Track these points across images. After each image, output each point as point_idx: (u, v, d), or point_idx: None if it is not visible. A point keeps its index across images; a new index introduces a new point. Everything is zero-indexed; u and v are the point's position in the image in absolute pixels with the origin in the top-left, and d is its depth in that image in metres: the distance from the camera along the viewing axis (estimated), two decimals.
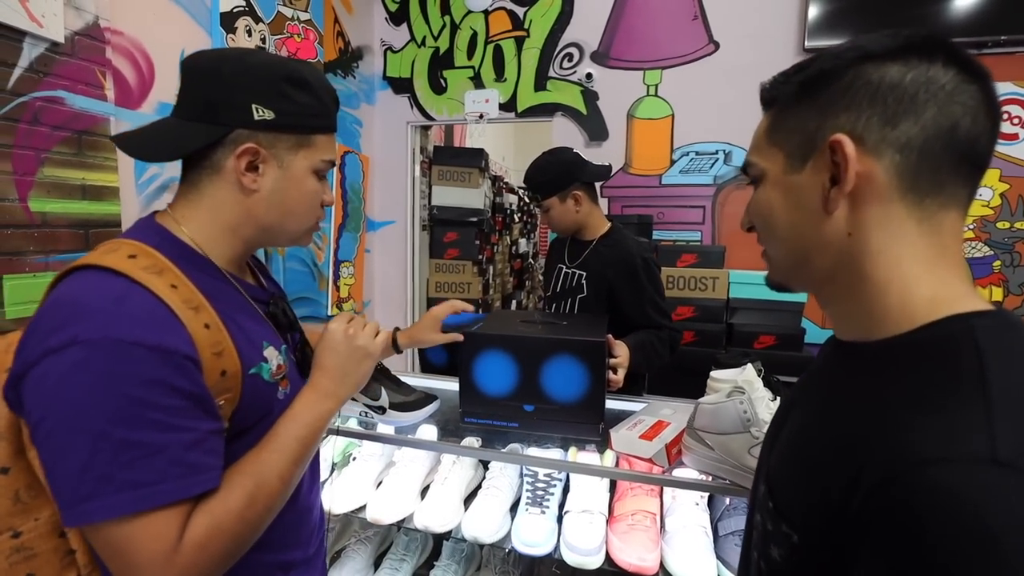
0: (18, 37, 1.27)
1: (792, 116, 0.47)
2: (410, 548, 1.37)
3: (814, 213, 0.46)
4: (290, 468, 0.59)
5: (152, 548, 0.49)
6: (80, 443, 0.47)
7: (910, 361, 0.41)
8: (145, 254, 0.55)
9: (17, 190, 1.29)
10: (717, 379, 1.04)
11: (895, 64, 0.42)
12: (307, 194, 0.66)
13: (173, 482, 0.50)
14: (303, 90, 0.62)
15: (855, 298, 0.46)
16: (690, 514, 1.11)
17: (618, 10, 2.38)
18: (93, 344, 0.48)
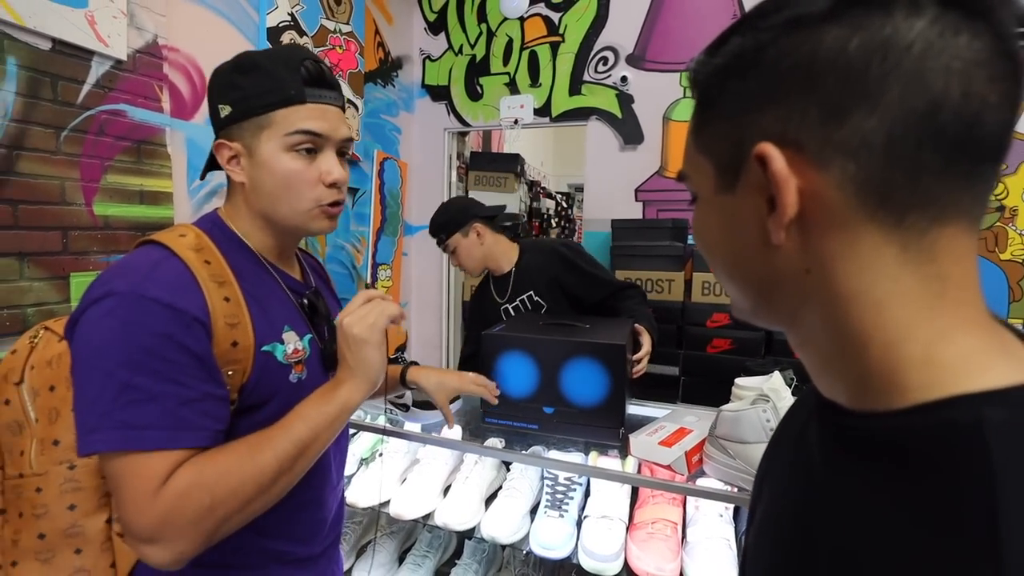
0: (87, 56, 1.39)
1: (716, 115, 0.34)
2: (433, 545, 1.39)
3: (757, 246, 0.33)
4: (291, 448, 0.59)
5: (135, 487, 0.53)
6: (93, 379, 0.54)
7: (898, 465, 0.29)
8: (194, 235, 0.64)
9: (84, 195, 1.41)
10: (742, 386, 1.01)
11: (833, 27, 0.29)
12: (282, 174, 0.65)
13: (160, 431, 0.54)
14: (251, 73, 0.64)
15: (829, 350, 0.33)
16: (713, 526, 1.08)
17: (654, 12, 2.35)
18: (121, 296, 0.55)
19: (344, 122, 0.69)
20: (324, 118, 0.66)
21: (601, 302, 1.55)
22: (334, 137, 0.67)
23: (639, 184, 2.45)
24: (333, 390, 0.64)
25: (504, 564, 1.36)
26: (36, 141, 1.30)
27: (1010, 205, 1.93)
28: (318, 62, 0.66)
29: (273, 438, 0.59)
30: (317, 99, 0.65)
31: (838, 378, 0.34)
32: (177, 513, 0.53)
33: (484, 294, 1.70)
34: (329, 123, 0.66)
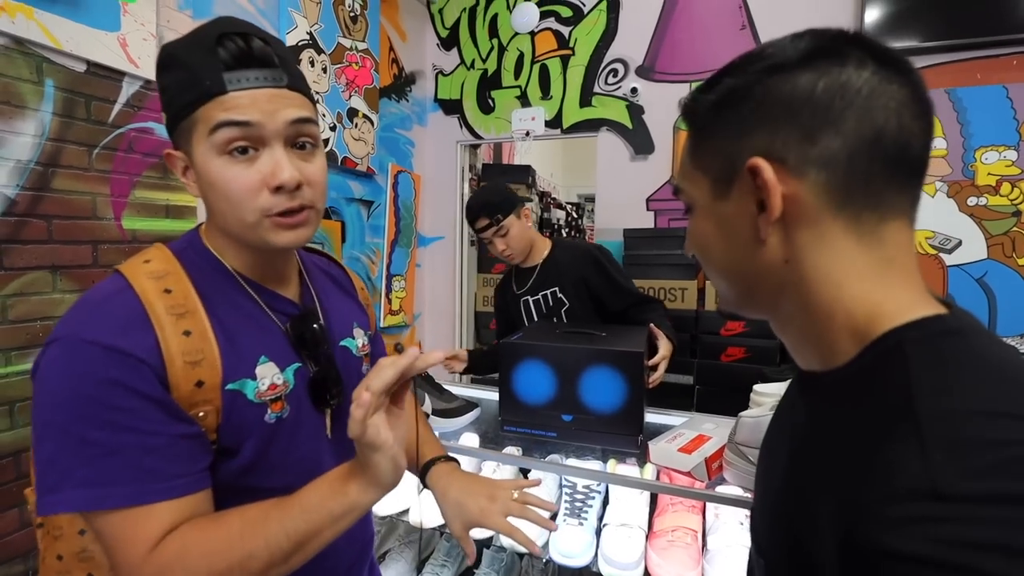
0: (119, 77, 1.45)
1: (711, 138, 0.44)
2: (451, 554, 1.40)
3: (747, 242, 0.42)
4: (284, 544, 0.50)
5: (126, 547, 0.49)
6: (48, 435, 0.49)
7: (851, 394, 0.38)
8: (159, 259, 0.57)
9: (113, 210, 1.46)
10: (761, 393, 1.02)
11: (805, 73, 0.39)
12: (217, 183, 0.54)
13: (126, 486, 0.48)
14: (170, 70, 0.54)
15: (804, 326, 0.42)
16: (734, 533, 1.08)
17: (663, 24, 2.39)
18: (62, 342, 0.50)
19: (288, 101, 0.55)
20: (253, 104, 0.52)
21: (623, 311, 1.56)
22: (272, 124, 0.53)
23: (650, 194, 2.47)
24: (344, 484, 0.51)
25: (522, 573, 1.37)
26: (70, 158, 1.36)
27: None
28: (245, 35, 0.53)
29: (268, 522, 0.50)
30: (240, 84, 0.52)
31: (812, 350, 0.43)
32: None
33: (506, 286, 1.70)
34: (260, 109, 0.53)
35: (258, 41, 0.54)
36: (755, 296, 0.45)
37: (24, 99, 1.26)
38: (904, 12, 1.99)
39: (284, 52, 0.57)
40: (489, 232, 1.51)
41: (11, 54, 1.23)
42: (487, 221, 1.49)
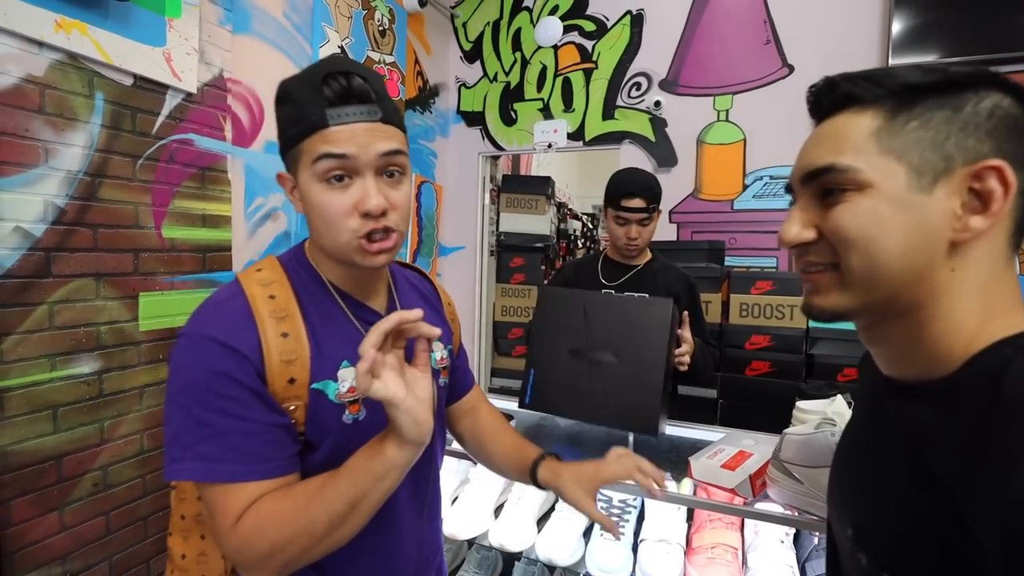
0: (163, 90, 1.48)
1: (917, 125, 0.41)
2: (482, 566, 1.40)
3: (936, 242, 0.41)
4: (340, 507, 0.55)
5: (219, 519, 0.57)
6: (175, 414, 0.57)
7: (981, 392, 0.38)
8: (269, 269, 0.65)
9: (154, 219, 1.49)
10: (804, 410, 1.01)
11: (1012, 100, 0.41)
12: (317, 207, 0.60)
13: (229, 464, 0.56)
14: (285, 104, 0.61)
15: (923, 336, 0.42)
16: (775, 552, 1.07)
17: (687, 39, 2.41)
18: (188, 336, 0.59)
19: (382, 135, 0.60)
20: (351, 139, 0.58)
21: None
22: (365, 156, 0.59)
23: (673, 206, 2.48)
24: (380, 444, 0.56)
25: None
26: (116, 169, 1.39)
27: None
28: (347, 74, 0.58)
29: (326, 490, 0.56)
30: (340, 119, 0.58)
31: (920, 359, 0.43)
32: (245, 552, 0.57)
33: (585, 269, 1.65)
34: (356, 143, 0.58)
35: (358, 79, 0.59)
36: (899, 296, 0.42)
37: (76, 112, 1.30)
38: (930, 26, 2.00)
39: (381, 87, 0.62)
40: (637, 215, 1.46)
41: (66, 69, 1.27)
42: (642, 203, 1.45)
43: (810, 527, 0.96)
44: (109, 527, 1.41)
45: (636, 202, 1.45)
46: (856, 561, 0.47)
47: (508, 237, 3.13)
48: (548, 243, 3.18)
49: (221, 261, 1.69)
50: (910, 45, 2.02)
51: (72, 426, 1.32)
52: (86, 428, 1.35)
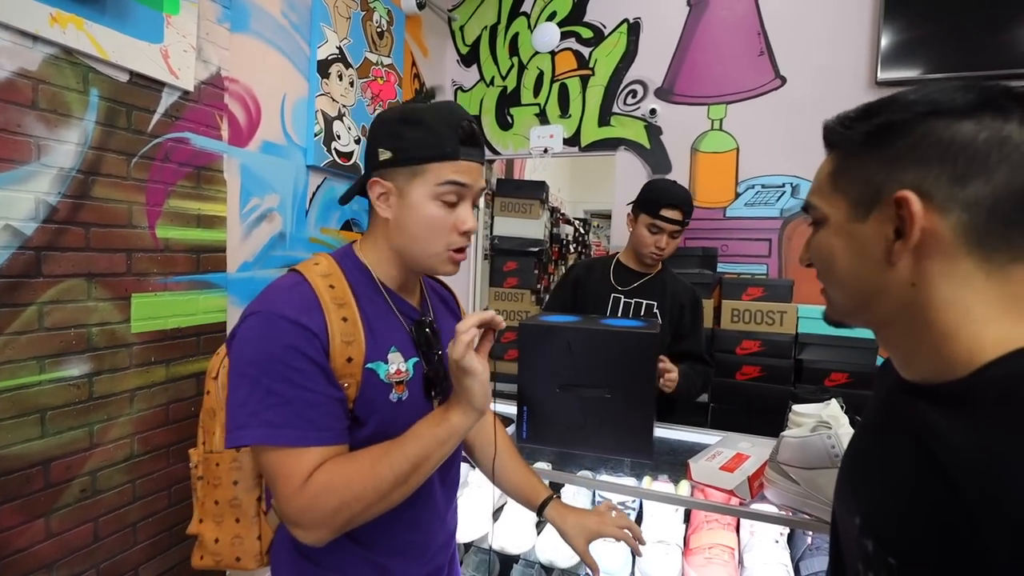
0: (159, 87, 1.47)
1: (857, 164, 0.48)
2: (480, 568, 1.39)
3: (876, 262, 0.47)
4: (404, 463, 0.65)
5: (285, 480, 0.63)
6: (243, 384, 0.64)
7: (989, 399, 0.41)
8: (325, 263, 0.73)
9: (148, 219, 1.47)
10: (800, 413, 1.04)
11: (967, 121, 0.42)
12: (425, 219, 0.71)
13: (294, 430, 0.63)
14: (416, 127, 0.71)
15: (920, 343, 0.47)
16: (770, 551, 1.09)
17: (683, 48, 2.45)
18: (260, 315, 0.66)
19: (481, 174, 0.76)
20: (469, 173, 0.72)
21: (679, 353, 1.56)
22: (474, 189, 0.74)
23: None
24: (444, 414, 0.68)
25: None
26: (110, 167, 1.37)
27: None
28: (472, 123, 0.73)
29: (391, 453, 0.66)
30: (467, 157, 0.72)
31: (928, 363, 0.47)
32: (313, 508, 0.62)
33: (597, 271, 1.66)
34: (472, 177, 0.72)
35: (478, 127, 0.74)
36: (871, 309, 0.50)
37: (70, 108, 1.28)
38: (917, 41, 2.06)
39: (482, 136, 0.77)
40: (672, 226, 1.49)
41: (60, 64, 1.25)
42: (681, 216, 1.49)
43: (806, 527, 0.98)
44: (97, 534, 1.38)
45: (675, 214, 1.47)
46: (862, 547, 0.49)
47: (502, 241, 3.14)
48: (542, 247, 3.19)
49: (215, 262, 1.67)
50: (898, 59, 2.08)
51: (60, 430, 1.29)
52: (75, 432, 1.32)
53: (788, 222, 2.33)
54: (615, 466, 1.23)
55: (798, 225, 2.32)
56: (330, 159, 2.07)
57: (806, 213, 0.55)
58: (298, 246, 2.01)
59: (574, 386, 1.14)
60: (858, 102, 0.51)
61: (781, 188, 2.32)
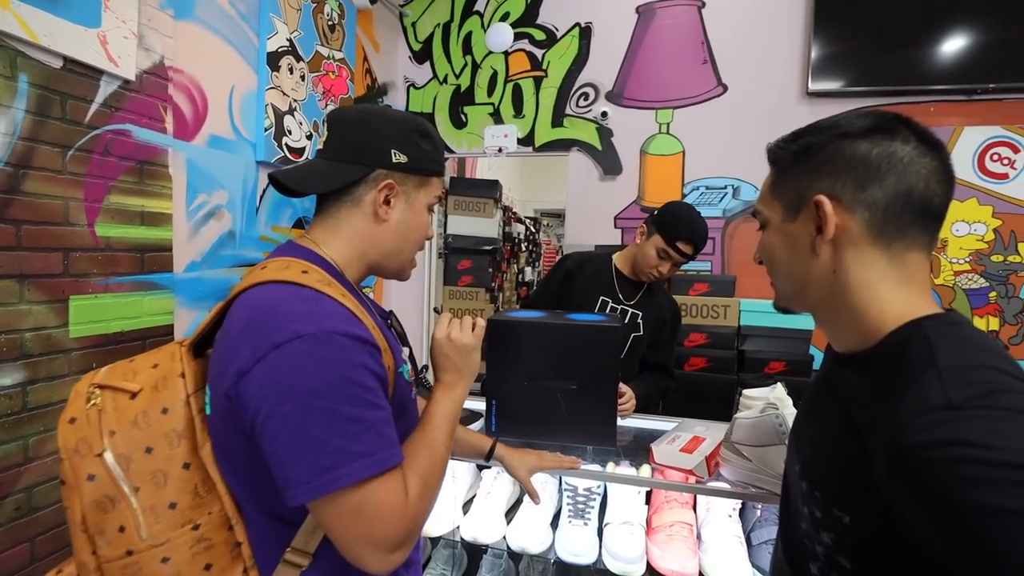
0: (96, 76, 1.37)
1: (788, 176, 0.61)
2: (449, 562, 1.41)
3: (805, 254, 0.59)
4: (448, 440, 0.70)
5: (390, 505, 0.58)
6: (317, 419, 0.55)
7: (887, 359, 0.53)
8: (313, 270, 0.65)
9: (87, 216, 1.37)
10: (750, 397, 1.12)
11: (864, 141, 0.55)
12: (422, 226, 0.77)
13: (384, 452, 0.58)
14: (427, 139, 0.75)
15: (843, 319, 0.58)
16: (725, 525, 1.17)
17: (632, 53, 2.55)
18: (314, 336, 0.56)
19: None
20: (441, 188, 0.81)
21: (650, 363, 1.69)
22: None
23: (618, 212, 2.60)
24: (451, 391, 0.74)
25: None
26: (43, 160, 1.27)
27: (942, 237, 2.22)
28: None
29: (435, 436, 0.69)
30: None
31: (850, 336, 0.58)
32: (422, 512, 0.62)
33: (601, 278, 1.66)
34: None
35: None
36: (807, 294, 0.61)
37: None
38: (841, 56, 2.25)
39: None
40: (682, 258, 1.51)
41: None
42: (692, 251, 1.50)
43: (758, 499, 1.07)
44: (34, 554, 1.28)
45: (689, 248, 1.50)
46: (800, 488, 0.62)
47: (456, 240, 3.14)
48: (496, 246, 3.22)
49: (161, 262, 1.59)
50: (825, 72, 2.27)
51: None
52: (7, 446, 1.22)
53: (730, 222, 2.48)
54: (580, 453, 1.28)
55: (739, 224, 2.47)
56: (281, 155, 2.01)
57: (755, 217, 0.67)
58: (248, 245, 1.93)
59: (542, 379, 1.17)
60: (792, 110, 0.64)
61: (724, 190, 2.47)
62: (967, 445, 0.41)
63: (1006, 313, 2.21)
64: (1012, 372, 0.47)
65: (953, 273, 2.24)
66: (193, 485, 0.61)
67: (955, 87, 2.14)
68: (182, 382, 0.63)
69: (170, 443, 0.61)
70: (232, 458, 0.62)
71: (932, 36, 2.15)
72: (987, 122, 2.15)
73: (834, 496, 0.55)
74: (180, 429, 0.62)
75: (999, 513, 0.39)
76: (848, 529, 0.53)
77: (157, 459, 0.60)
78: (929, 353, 0.48)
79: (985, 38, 2.10)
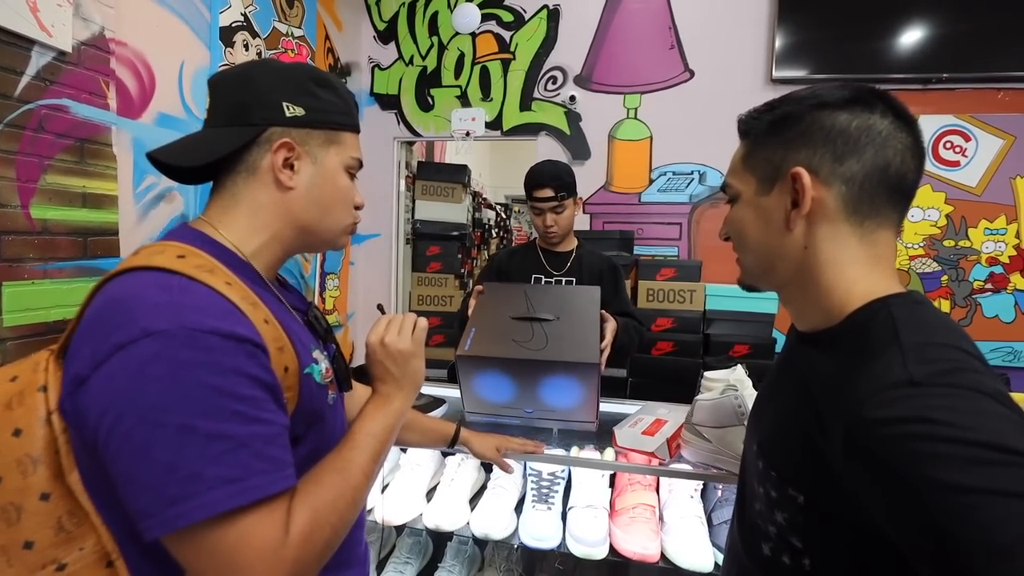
0: (27, 46, 1.28)
1: (763, 148, 0.57)
2: (414, 551, 1.40)
3: (778, 229, 0.56)
4: (371, 464, 0.59)
5: (260, 546, 0.47)
6: (165, 439, 0.45)
7: (851, 336, 0.52)
8: (193, 254, 0.54)
9: (20, 197, 1.28)
10: (711, 379, 1.14)
11: (844, 112, 0.53)
12: (341, 190, 0.65)
13: (260, 476, 0.48)
14: (327, 89, 0.64)
15: (810, 297, 0.56)
16: (686, 506, 1.19)
17: (600, 37, 2.53)
18: (167, 334, 0.46)
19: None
20: (361, 149, 0.69)
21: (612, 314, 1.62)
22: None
23: (586, 198, 2.60)
24: (386, 404, 0.64)
25: (487, 563, 1.40)
26: None
27: None
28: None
29: (351, 458, 0.58)
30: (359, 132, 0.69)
31: (814, 314, 0.57)
32: (307, 555, 0.50)
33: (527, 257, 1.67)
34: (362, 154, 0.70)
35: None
36: (776, 271, 0.59)
37: None
38: (806, 43, 2.29)
39: None
40: (547, 204, 1.52)
41: None
42: (551, 193, 1.51)
43: (718, 479, 1.09)
44: None
45: (545, 192, 1.52)
46: (756, 467, 0.60)
47: (424, 225, 3.09)
48: (465, 232, 3.19)
49: (106, 246, 1.50)
50: (790, 60, 2.30)
51: None
52: None
53: (696, 207, 2.51)
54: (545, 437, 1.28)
55: (705, 210, 2.50)
56: None
57: (724, 192, 0.63)
58: None
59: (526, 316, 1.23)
60: (756, 97, 0.60)
61: (690, 175, 2.49)
62: (927, 422, 0.40)
63: (956, 296, 2.30)
64: (971, 352, 0.46)
65: (908, 257, 2.32)
66: (56, 518, 0.50)
67: (912, 76, 2.20)
68: (42, 396, 0.51)
69: (23, 471, 0.50)
70: (97, 483, 0.50)
71: (891, 27, 2.20)
72: (941, 111, 2.22)
73: (791, 476, 0.54)
74: (37, 453, 0.50)
75: (956, 490, 0.38)
76: (801, 509, 0.52)
77: (6, 491, 0.50)
78: (893, 330, 0.48)
79: (941, 30, 2.16)
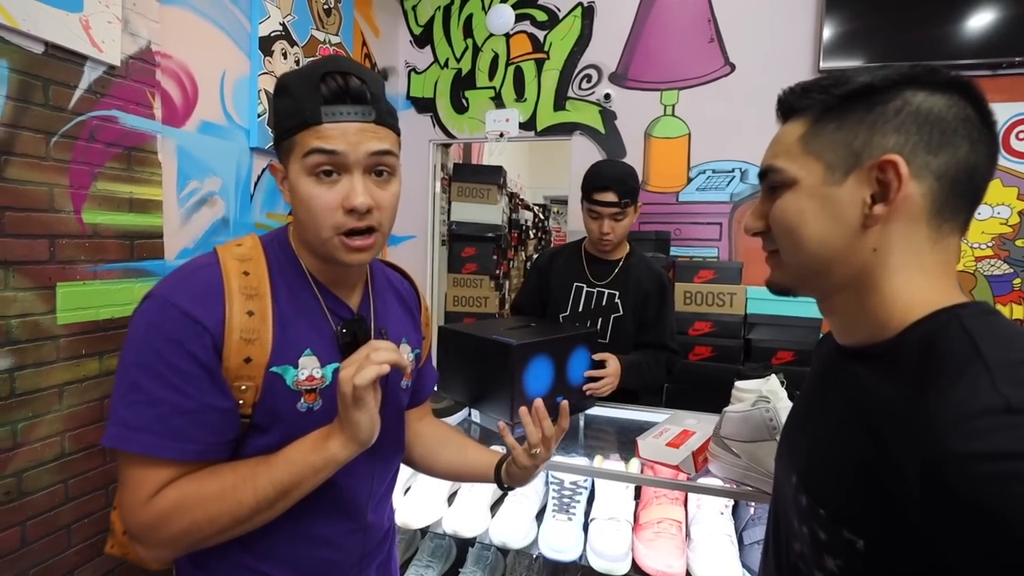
0: (80, 61, 1.36)
1: (834, 127, 0.48)
2: (436, 554, 1.39)
3: (848, 226, 0.47)
4: (270, 492, 0.57)
5: (131, 492, 0.56)
6: (119, 373, 0.57)
7: (913, 352, 0.44)
8: (249, 245, 0.66)
9: (73, 203, 1.37)
10: (742, 389, 1.07)
11: (940, 97, 0.45)
12: (303, 199, 0.61)
13: (152, 436, 0.55)
14: (282, 97, 0.63)
15: (866, 307, 0.48)
16: (715, 523, 1.13)
17: (636, 33, 2.46)
18: (153, 299, 0.59)
19: (373, 135, 0.61)
20: (342, 136, 0.59)
21: (648, 340, 1.54)
22: (355, 155, 0.60)
23: None
24: (324, 440, 0.59)
25: (508, 570, 1.38)
26: (25, 146, 1.26)
27: None
28: (345, 74, 0.60)
29: (257, 475, 0.57)
30: (334, 118, 0.59)
31: (863, 327, 0.49)
32: (159, 527, 0.56)
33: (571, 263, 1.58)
34: (347, 140, 0.59)
35: (355, 80, 0.61)
36: (830, 274, 0.50)
37: None
38: (857, 32, 2.14)
39: (378, 90, 0.63)
40: (608, 209, 1.41)
41: None
42: (614, 198, 1.40)
43: (748, 497, 1.02)
44: (25, 538, 1.30)
45: (608, 196, 1.40)
46: (797, 503, 0.51)
47: (459, 227, 3.10)
48: (500, 233, 3.18)
49: (152, 249, 1.58)
50: (839, 50, 2.15)
51: None
52: None
53: (738, 206, 2.40)
54: (567, 447, 1.25)
55: (747, 209, 2.39)
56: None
57: (764, 178, 0.53)
58: (243, 232, 1.91)
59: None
60: None
61: (731, 173, 2.38)
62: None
63: None
64: None
65: (974, 259, 2.13)
66: None
67: (979, 61, 2.01)
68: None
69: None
70: None
71: (954, 8, 2.02)
72: (1013, 98, 2.02)
73: (843, 514, 0.45)
74: None
75: None
76: (861, 556, 0.44)
77: None
78: (971, 345, 0.41)
79: (1011, 10, 1.97)
